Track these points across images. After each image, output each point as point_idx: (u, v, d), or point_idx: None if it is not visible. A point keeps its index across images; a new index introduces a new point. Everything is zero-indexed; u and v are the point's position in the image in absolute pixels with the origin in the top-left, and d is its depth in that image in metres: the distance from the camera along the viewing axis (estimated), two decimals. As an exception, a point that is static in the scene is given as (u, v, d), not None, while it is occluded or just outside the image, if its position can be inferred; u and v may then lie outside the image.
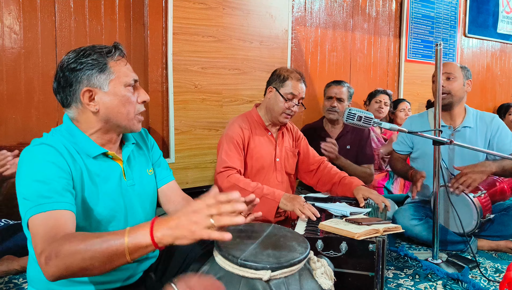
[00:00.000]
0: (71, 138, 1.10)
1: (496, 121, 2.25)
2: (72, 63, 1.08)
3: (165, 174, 1.34)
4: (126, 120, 1.12)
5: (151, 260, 1.29)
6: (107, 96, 1.09)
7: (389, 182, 3.18)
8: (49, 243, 0.88)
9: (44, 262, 0.87)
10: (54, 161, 1.01)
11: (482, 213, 2.03)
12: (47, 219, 0.93)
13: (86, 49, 1.10)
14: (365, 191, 1.87)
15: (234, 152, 1.93)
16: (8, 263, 1.73)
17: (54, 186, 0.97)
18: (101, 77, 1.08)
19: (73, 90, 1.09)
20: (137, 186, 1.20)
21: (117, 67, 1.10)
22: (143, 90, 1.17)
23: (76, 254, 0.84)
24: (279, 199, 1.74)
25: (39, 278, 1.10)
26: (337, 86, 2.65)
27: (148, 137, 1.35)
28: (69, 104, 1.12)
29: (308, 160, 2.18)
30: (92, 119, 1.11)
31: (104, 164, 1.13)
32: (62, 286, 1.08)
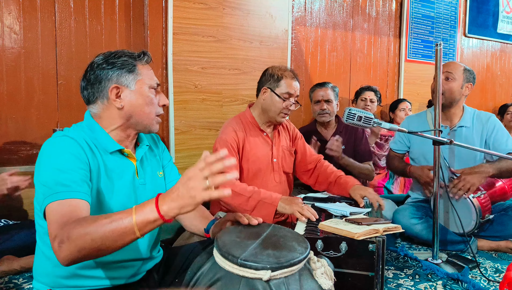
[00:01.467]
0: (91, 133, 1.16)
1: (492, 120, 2.24)
2: (103, 63, 1.17)
3: (174, 177, 1.39)
4: (147, 119, 1.20)
5: (156, 259, 1.32)
6: (133, 95, 1.17)
7: (389, 182, 3.18)
8: (62, 228, 0.92)
9: (57, 246, 0.90)
10: (74, 153, 1.07)
11: (481, 213, 2.03)
12: (63, 206, 0.98)
13: (117, 52, 1.20)
14: (361, 189, 1.87)
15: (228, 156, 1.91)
16: (8, 263, 1.74)
17: (72, 175, 1.03)
18: (129, 76, 1.17)
19: (101, 87, 1.17)
20: (148, 185, 1.25)
21: (144, 70, 1.20)
22: (164, 95, 1.25)
23: (86, 235, 0.89)
24: (276, 202, 1.72)
25: (46, 272, 1.14)
26: (322, 89, 2.66)
27: (159, 142, 1.42)
28: (95, 100, 1.19)
29: (306, 159, 2.17)
30: (115, 116, 1.18)
31: (119, 160, 1.19)
32: (69, 280, 1.12)
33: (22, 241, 1.80)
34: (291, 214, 1.68)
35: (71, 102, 2.38)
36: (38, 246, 1.17)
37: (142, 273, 1.25)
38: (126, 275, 1.20)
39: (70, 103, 2.38)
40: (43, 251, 1.14)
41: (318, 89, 2.69)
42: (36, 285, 1.16)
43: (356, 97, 3.33)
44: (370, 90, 3.24)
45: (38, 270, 1.17)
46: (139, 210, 0.91)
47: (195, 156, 2.78)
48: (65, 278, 1.12)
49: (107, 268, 1.15)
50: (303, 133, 2.68)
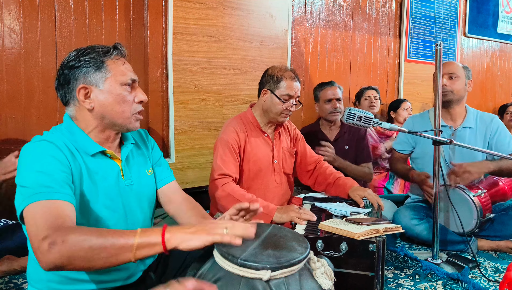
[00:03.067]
0: (70, 136, 1.12)
1: (496, 121, 2.26)
2: (71, 61, 1.11)
3: (166, 174, 1.34)
4: (121, 118, 1.13)
5: (151, 258, 1.29)
6: (102, 94, 1.11)
7: (389, 182, 3.18)
8: (54, 229, 0.88)
9: (47, 247, 0.85)
10: (54, 155, 1.03)
11: (482, 212, 2.03)
12: (50, 207, 0.94)
13: (86, 48, 1.13)
14: (361, 190, 1.87)
15: (229, 157, 1.89)
16: (8, 263, 1.73)
17: (55, 177, 0.99)
18: (97, 75, 1.10)
19: (70, 88, 1.12)
20: (135, 185, 1.21)
21: (114, 66, 1.12)
22: (141, 90, 1.18)
23: (84, 241, 0.85)
24: (273, 213, 1.71)
25: (40, 277, 1.11)
26: (331, 88, 2.65)
27: (148, 138, 1.35)
28: (67, 102, 1.15)
29: (306, 160, 2.17)
30: (89, 117, 1.13)
31: (102, 162, 1.14)
32: (62, 285, 1.09)
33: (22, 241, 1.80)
34: (289, 221, 1.67)
35: (71, 102, 2.38)
36: (30, 252, 1.12)
37: (138, 274, 1.23)
38: (121, 278, 1.17)
39: (70, 103, 2.38)
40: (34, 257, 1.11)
41: (328, 88, 2.66)
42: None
43: (358, 98, 3.34)
44: (372, 89, 3.26)
45: (31, 275, 1.13)
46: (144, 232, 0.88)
47: (195, 156, 2.78)
48: (58, 282, 1.08)
49: (101, 272, 1.11)
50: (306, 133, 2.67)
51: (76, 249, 0.85)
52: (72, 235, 0.86)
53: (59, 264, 0.86)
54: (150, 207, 1.29)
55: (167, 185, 1.33)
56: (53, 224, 0.90)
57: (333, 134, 2.67)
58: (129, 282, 1.20)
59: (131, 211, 1.19)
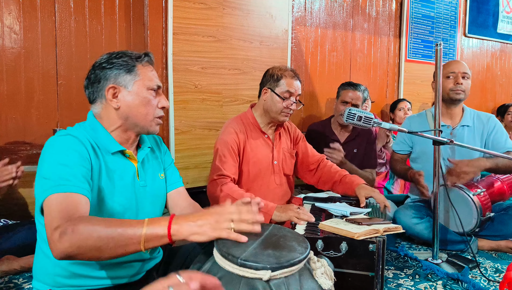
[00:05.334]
0: (93, 133, 1.17)
1: (493, 120, 2.28)
2: (103, 63, 1.18)
3: (175, 179, 1.39)
4: (144, 121, 1.20)
5: (156, 259, 1.32)
6: (129, 95, 1.17)
7: (389, 182, 3.18)
8: (66, 219, 0.93)
9: (58, 237, 0.90)
10: (77, 150, 1.08)
11: (481, 211, 2.03)
12: (65, 198, 0.98)
13: (118, 53, 1.20)
14: (368, 189, 1.86)
15: (228, 158, 1.89)
16: (8, 263, 1.74)
17: (74, 171, 1.04)
18: (127, 77, 1.17)
19: (100, 86, 1.18)
20: (148, 187, 1.25)
21: (143, 71, 1.19)
22: (164, 97, 1.25)
23: (93, 231, 0.89)
24: (272, 212, 1.72)
25: (46, 271, 1.14)
26: (353, 91, 2.55)
27: (162, 144, 1.42)
28: (94, 99, 1.20)
29: (308, 159, 2.16)
30: (114, 116, 1.18)
31: (120, 161, 1.19)
32: (69, 279, 1.12)
33: (22, 241, 1.80)
34: (288, 220, 1.68)
35: (71, 102, 2.38)
36: (39, 245, 1.16)
37: (142, 273, 1.26)
38: (126, 275, 1.19)
39: (70, 103, 2.38)
40: (43, 250, 1.14)
41: (350, 90, 2.57)
42: (36, 285, 1.16)
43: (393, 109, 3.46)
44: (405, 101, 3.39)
45: (37, 269, 1.17)
46: (151, 222, 0.92)
47: (195, 156, 2.78)
48: (65, 277, 1.11)
49: (107, 268, 1.15)
50: (316, 130, 2.64)
51: (85, 238, 0.89)
52: (81, 225, 0.90)
53: (70, 253, 0.90)
54: (161, 209, 1.34)
55: (176, 190, 1.38)
56: (65, 214, 0.94)
57: (343, 136, 2.63)
58: (133, 280, 1.22)
59: (143, 211, 1.23)
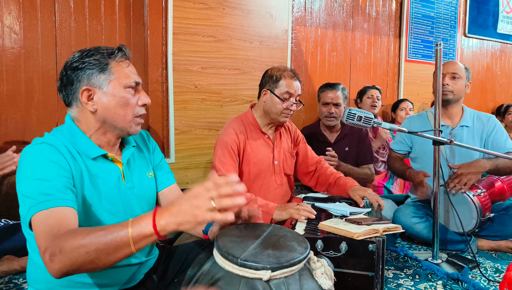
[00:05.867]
0: (71, 138, 1.10)
1: (493, 121, 2.28)
2: (75, 62, 1.09)
3: (167, 177, 1.33)
4: (123, 122, 1.12)
5: (151, 261, 1.29)
6: (105, 97, 1.09)
7: (389, 182, 3.18)
8: (52, 239, 0.88)
9: (48, 259, 0.87)
10: (54, 160, 1.01)
11: (481, 211, 2.03)
12: (49, 216, 0.93)
13: (90, 50, 1.11)
14: (360, 190, 1.87)
15: (228, 158, 1.89)
16: (8, 263, 1.73)
17: (55, 183, 0.98)
18: (101, 77, 1.08)
19: (73, 89, 1.10)
20: (136, 189, 1.20)
21: (118, 68, 1.10)
22: (145, 93, 1.17)
23: (80, 248, 0.85)
24: (272, 211, 1.73)
25: (39, 278, 1.10)
26: (332, 91, 2.60)
27: (150, 140, 1.34)
28: (70, 103, 1.13)
29: (307, 161, 2.17)
30: (91, 119, 1.12)
31: (103, 165, 1.13)
32: (62, 288, 1.08)
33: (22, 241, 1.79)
34: (289, 218, 1.68)
35: (71, 102, 2.38)
36: (29, 253, 1.12)
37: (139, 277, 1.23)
38: (122, 281, 1.16)
39: (70, 103, 2.38)
40: (33, 258, 1.10)
41: (328, 90, 2.61)
42: None
43: (361, 95, 3.33)
44: (375, 89, 3.26)
45: (30, 276, 1.13)
46: (135, 223, 0.86)
47: (195, 156, 2.78)
48: (59, 285, 1.07)
49: (103, 274, 1.10)
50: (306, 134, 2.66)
51: (74, 256, 0.85)
52: (67, 243, 0.86)
53: (65, 271, 0.87)
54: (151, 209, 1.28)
55: (168, 188, 1.32)
56: (50, 234, 0.90)
57: (333, 136, 2.65)
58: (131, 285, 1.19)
59: (132, 214, 1.18)
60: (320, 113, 2.66)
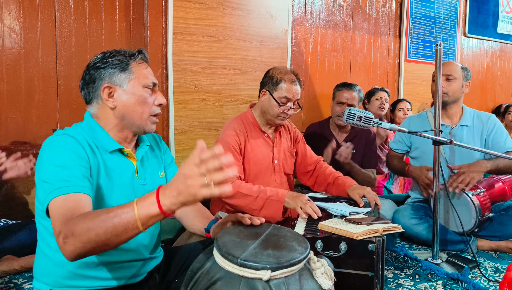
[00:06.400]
0: (91, 133, 1.16)
1: (493, 120, 2.28)
2: (98, 62, 1.17)
3: None
4: (140, 119, 1.19)
5: (157, 260, 1.32)
6: (125, 94, 1.17)
7: (389, 182, 3.18)
8: (66, 223, 0.92)
9: (62, 242, 0.91)
10: (74, 150, 1.07)
11: (480, 211, 2.03)
12: (66, 201, 0.98)
13: (112, 52, 1.19)
14: (359, 189, 1.87)
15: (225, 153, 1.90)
16: (8, 263, 1.74)
17: (74, 171, 1.03)
18: (122, 76, 1.16)
19: (95, 87, 1.17)
20: (148, 186, 1.24)
21: (138, 69, 1.18)
22: (161, 94, 1.24)
23: (90, 230, 0.88)
24: (283, 198, 1.73)
25: (47, 271, 1.14)
26: (348, 91, 2.55)
27: (161, 143, 1.41)
28: (91, 100, 1.20)
29: (306, 160, 2.17)
30: (110, 116, 1.18)
31: (119, 159, 1.19)
32: (69, 280, 1.12)
33: (22, 241, 1.80)
34: (293, 208, 1.68)
35: (71, 102, 2.38)
36: (39, 246, 1.16)
37: (143, 274, 1.25)
38: (127, 276, 1.19)
39: (70, 103, 2.38)
40: (44, 250, 1.14)
41: (345, 90, 2.57)
42: (37, 285, 1.16)
43: (369, 97, 3.34)
44: (384, 91, 3.27)
45: (38, 270, 1.17)
46: (140, 203, 0.89)
47: (195, 156, 2.78)
48: (66, 278, 1.11)
49: (108, 269, 1.14)
50: (314, 131, 2.65)
51: (85, 238, 0.88)
52: (77, 227, 0.90)
53: (78, 253, 0.91)
54: None
55: None
56: (64, 218, 0.94)
57: (342, 136, 2.63)
58: (134, 281, 1.22)
59: None
60: (333, 112, 2.62)
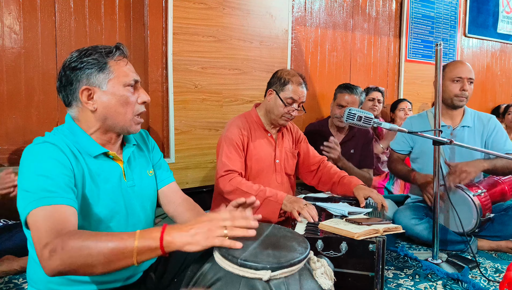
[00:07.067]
0: (72, 137, 1.11)
1: (493, 121, 2.29)
2: (73, 62, 1.09)
3: (166, 175, 1.34)
4: (124, 120, 1.13)
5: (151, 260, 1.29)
6: (105, 96, 1.09)
7: (389, 182, 3.18)
8: (55, 236, 0.88)
9: (48, 255, 0.86)
10: (57, 158, 1.02)
11: (481, 211, 2.03)
12: (52, 212, 0.93)
13: (88, 49, 1.11)
14: (365, 190, 1.87)
15: (234, 154, 1.91)
16: (8, 263, 1.73)
17: (57, 181, 0.98)
18: (100, 76, 1.09)
19: (73, 89, 1.10)
20: (137, 187, 1.21)
21: (117, 67, 1.11)
22: (144, 91, 1.17)
23: (83, 249, 0.85)
24: (281, 201, 1.74)
25: (39, 277, 1.10)
26: (350, 95, 2.51)
27: (149, 139, 1.35)
28: (70, 103, 1.13)
29: (309, 160, 2.18)
30: (91, 119, 1.12)
31: (104, 163, 1.14)
32: (62, 286, 1.09)
33: (22, 241, 1.80)
34: (290, 211, 1.69)
35: (71, 102, 2.38)
36: (30, 252, 1.12)
37: (138, 274, 1.23)
38: (121, 278, 1.16)
39: (70, 103, 2.38)
40: (34, 257, 1.09)
41: (346, 93, 2.53)
42: None
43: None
44: (377, 91, 3.23)
45: (30, 275, 1.13)
46: (143, 234, 0.88)
47: (195, 156, 2.78)
48: (59, 284, 1.08)
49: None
50: (313, 131, 2.65)
51: (75, 255, 0.85)
52: (71, 242, 0.86)
53: (61, 270, 0.87)
54: (152, 207, 1.29)
55: (167, 186, 1.33)
56: (53, 230, 0.90)
57: (340, 137, 2.63)
58: (129, 282, 1.20)
59: (133, 212, 1.19)
60: (332, 113, 2.62)
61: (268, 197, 1.77)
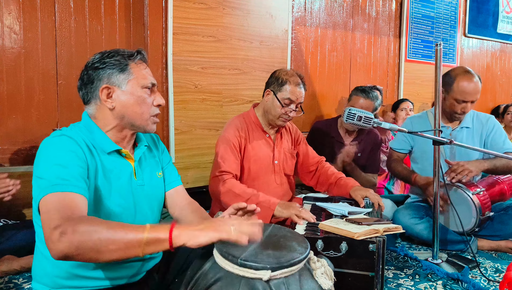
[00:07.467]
0: (89, 134, 1.16)
1: (492, 121, 2.29)
2: (96, 63, 1.16)
3: (174, 178, 1.38)
4: (140, 120, 1.19)
5: (156, 259, 1.32)
6: (124, 95, 1.16)
7: (389, 182, 3.18)
8: (67, 219, 0.91)
9: (57, 236, 0.88)
10: (73, 150, 1.07)
11: (481, 210, 2.03)
12: (63, 198, 0.97)
13: (110, 52, 1.18)
14: (362, 190, 1.87)
15: (230, 155, 1.90)
16: (8, 263, 1.73)
17: (71, 171, 1.03)
18: (121, 76, 1.15)
19: (94, 87, 1.16)
20: (146, 186, 1.24)
21: (137, 69, 1.18)
22: (160, 94, 1.24)
23: (93, 233, 0.88)
24: (274, 207, 1.72)
25: (45, 272, 1.13)
26: (365, 99, 2.47)
27: (159, 143, 1.41)
28: (89, 100, 1.19)
29: (308, 161, 2.17)
30: (109, 116, 1.17)
31: (117, 160, 1.19)
32: (68, 281, 1.11)
33: (22, 241, 1.80)
34: (288, 217, 1.68)
35: (71, 102, 2.38)
36: (37, 246, 1.16)
37: (142, 273, 1.25)
38: (126, 275, 1.19)
39: (70, 103, 2.38)
40: (42, 251, 1.13)
41: (363, 98, 2.48)
42: (36, 286, 1.16)
43: None
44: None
45: (37, 271, 1.16)
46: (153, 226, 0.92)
47: (195, 156, 2.78)
48: (64, 278, 1.11)
49: (107, 269, 1.14)
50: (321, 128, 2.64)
51: (85, 239, 0.88)
52: (82, 225, 0.89)
53: (69, 253, 0.89)
54: (159, 208, 1.33)
55: (175, 189, 1.37)
56: (65, 214, 0.93)
57: (348, 139, 2.62)
58: (133, 280, 1.22)
59: (141, 210, 1.22)
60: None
61: (260, 202, 1.73)
